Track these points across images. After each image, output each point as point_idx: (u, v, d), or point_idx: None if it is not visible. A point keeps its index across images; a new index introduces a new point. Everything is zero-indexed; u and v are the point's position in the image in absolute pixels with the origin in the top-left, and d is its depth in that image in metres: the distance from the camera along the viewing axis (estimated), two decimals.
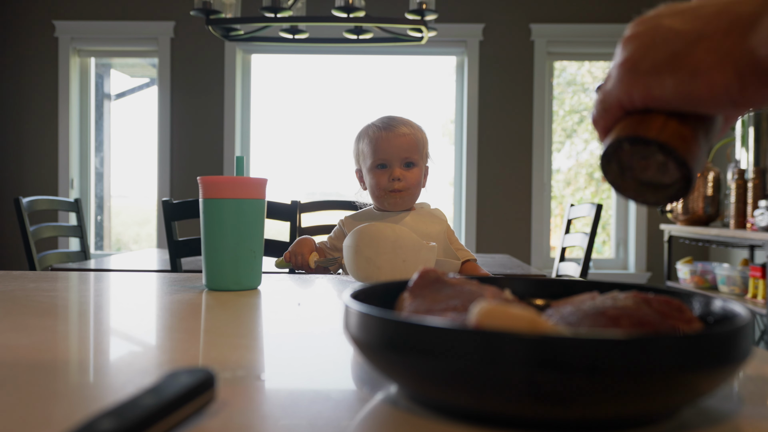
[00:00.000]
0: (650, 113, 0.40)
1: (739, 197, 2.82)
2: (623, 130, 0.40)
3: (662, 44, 0.38)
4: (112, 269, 2.11)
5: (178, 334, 0.61)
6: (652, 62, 0.38)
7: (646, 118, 0.39)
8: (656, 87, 0.38)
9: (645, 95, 0.39)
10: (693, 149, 0.39)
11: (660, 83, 0.38)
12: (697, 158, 0.39)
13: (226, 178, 0.89)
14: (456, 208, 3.91)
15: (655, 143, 0.39)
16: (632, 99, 0.40)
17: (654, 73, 0.38)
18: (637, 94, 0.39)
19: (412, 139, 1.39)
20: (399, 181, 1.37)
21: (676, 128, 0.39)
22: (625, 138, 0.40)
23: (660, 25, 0.39)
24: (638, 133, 0.39)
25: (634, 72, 0.39)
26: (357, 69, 4.06)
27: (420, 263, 0.93)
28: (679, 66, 0.37)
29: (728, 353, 0.34)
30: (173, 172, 3.84)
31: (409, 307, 0.44)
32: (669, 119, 0.39)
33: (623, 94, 0.40)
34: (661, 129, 0.39)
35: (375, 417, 0.37)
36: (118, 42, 3.88)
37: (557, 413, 0.33)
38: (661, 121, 0.39)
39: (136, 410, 0.30)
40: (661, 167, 0.40)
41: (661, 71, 0.38)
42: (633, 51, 0.39)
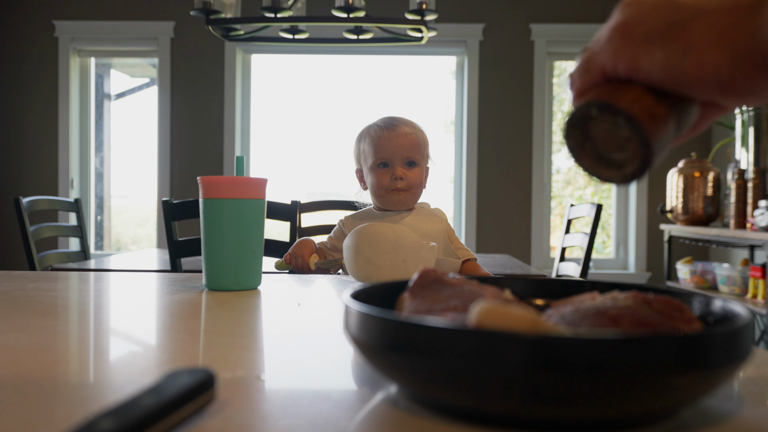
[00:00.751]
0: (628, 84, 0.38)
1: (739, 197, 2.82)
2: (597, 95, 0.38)
3: (661, 13, 0.36)
4: (112, 269, 2.11)
5: (178, 334, 0.61)
6: (646, 30, 0.36)
7: (622, 88, 0.38)
8: (644, 57, 0.36)
9: (631, 64, 0.37)
10: (661, 131, 0.37)
11: (649, 53, 0.36)
12: (662, 142, 0.37)
13: (226, 178, 0.89)
14: (456, 207, 3.91)
15: (624, 114, 0.37)
16: (616, 66, 0.38)
17: (646, 42, 0.36)
18: (623, 61, 0.37)
19: (413, 138, 1.40)
20: (401, 180, 1.37)
21: (650, 104, 0.37)
22: (595, 102, 0.38)
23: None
24: (610, 101, 0.37)
25: (626, 37, 0.37)
26: (357, 69, 4.06)
27: (420, 263, 0.93)
28: (673, 38, 0.35)
29: (728, 353, 0.34)
30: (173, 172, 3.84)
31: (409, 307, 0.44)
32: (645, 93, 0.37)
33: (608, 58, 0.38)
34: (634, 101, 0.37)
35: (375, 417, 0.37)
36: (118, 42, 3.88)
37: (557, 413, 0.33)
38: (636, 93, 0.37)
39: (136, 410, 0.30)
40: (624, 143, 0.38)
41: (653, 41, 0.36)
42: (629, 15, 0.37)
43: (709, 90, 0.35)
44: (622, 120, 0.37)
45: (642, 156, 0.37)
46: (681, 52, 0.35)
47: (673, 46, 0.35)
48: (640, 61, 0.36)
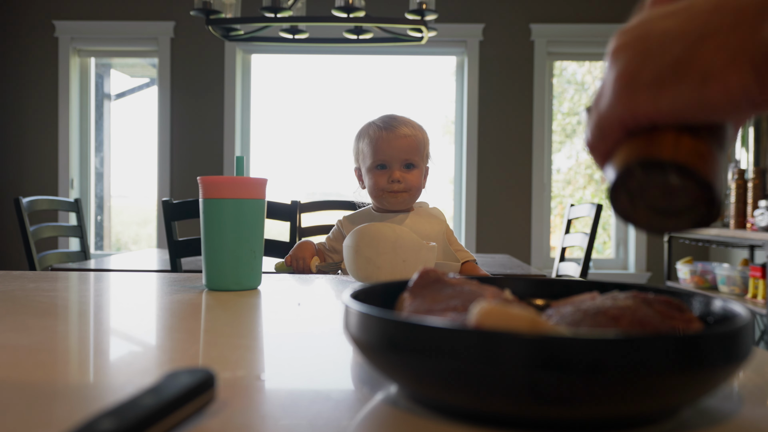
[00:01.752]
0: (657, 130, 0.35)
1: (739, 197, 2.82)
2: (631, 153, 0.35)
3: (659, 50, 0.34)
4: (112, 269, 2.11)
5: (178, 334, 0.61)
6: (652, 72, 0.34)
7: (655, 137, 0.34)
8: (662, 99, 0.33)
9: (651, 110, 0.34)
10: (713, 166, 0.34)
11: (666, 94, 0.33)
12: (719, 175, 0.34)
13: (226, 178, 0.89)
14: (456, 207, 3.91)
15: (672, 165, 0.33)
16: (636, 116, 0.35)
17: (658, 84, 0.33)
18: (642, 109, 0.34)
19: (413, 140, 1.38)
20: (398, 183, 1.36)
21: (692, 144, 0.34)
22: (637, 162, 0.34)
23: (652, 30, 0.34)
24: (651, 156, 0.34)
25: (634, 86, 0.34)
26: (357, 69, 4.06)
27: (420, 263, 0.93)
28: (685, 72, 0.33)
29: (728, 353, 0.34)
30: (173, 172, 3.84)
31: (409, 307, 0.44)
32: (681, 135, 0.34)
33: (625, 111, 0.35)
34: (675, 147, 0.34)
35: (375, 417, 0.37)
36: (118, 42, 3.88)
37: (557, 413, 0.33)
38: (672, 138, 0.34)
39: (136, 410, 0.30)
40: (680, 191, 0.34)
41: (665, 81, 0.33)
42: (627, 62, 0.35)
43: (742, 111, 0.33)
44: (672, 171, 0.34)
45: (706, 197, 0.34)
46: (700, 82, 0.32)
47: (689, 80, 0.33)
48: (661, 104, 0.34)
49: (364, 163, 1.42)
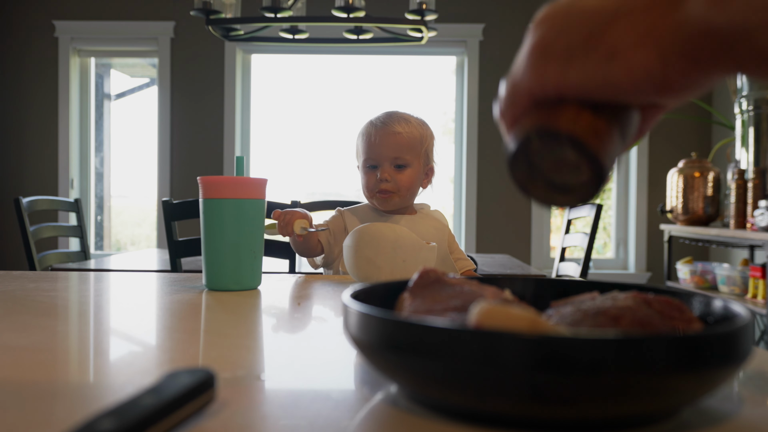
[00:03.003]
0: (562, 104, 0.35)
1: (739, 197, 2.82)
2: (532, 122, 0.36)
3: (576, 25, 0.34)
4: (112, 269, 2.11)
5: (178, 334, 0.61)
6: (565, 45, 0.34)
7: (557, 109, 0.35)
8: (570, 72, 0.34)
9: (558, 82, 0.35)
10: (607, 145, 0.35)
11: (574, 67, 0.34)
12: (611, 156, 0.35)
13: (226, 178, 0.89)
14: (456, 207, 3.91)
15: (567, 137, 0.34)
16: (544, 87, 0.35)
17: (567, 56, 0.34)
18: (550, 81, 0.35)
19: (404, 138, 1.31)
20: (386, 182, 1.29)
21: (590, 121, 0.35)
22: (535, 131, 0.35)
23: (574, 4, 0.35)
24: (548, 126, 0.35)
25: (546, 56, 0.35)
26: (357, 69, 4.06)
27: (420, 263, 0.93)
28: (594, 47, 0.33)
29: (728, 353, 0.34)
30: (173, 172, 3.84)
31: (409, 307, 0.44)
32: (582, 110, 0.35)
33: (534, 81, 0.35)
34: (574, 121, 0.35)
35: (375, 417, 0.37)
36: (118, 42, 3.88)
37: (557, 413, 0.33)
38: (573, 111, 0.35)
39: (136, 410, 0.30)
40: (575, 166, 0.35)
41: (575, 54, 0.34)
42: (544, 34, 0.35)
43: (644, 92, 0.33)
44: (566, 143, 0.35)
45: (595, 175, 0.35)
46: (606, 59, 0.33)
47: (597, 55, 0.33)
48: (566, 77, 0.34)
49: (359, 161, 1.36)
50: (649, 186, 3.83)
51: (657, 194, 3.80)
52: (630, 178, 3.90)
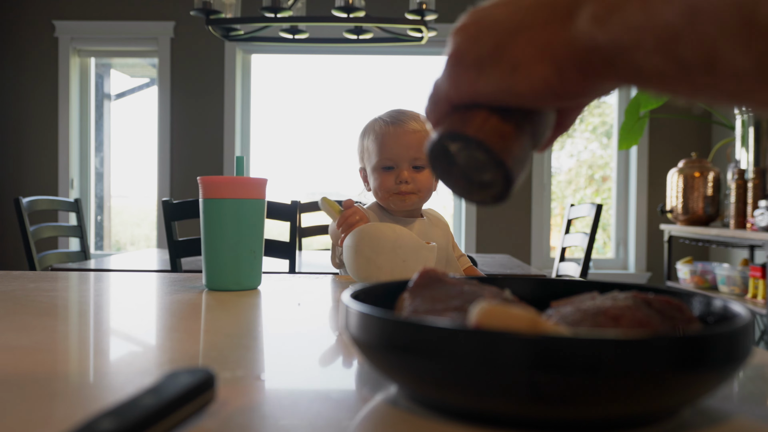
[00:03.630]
0: (474, 109, 0.38)
1: (739, 197, 2.82)
2: (446, 126, 0.39)
3: (486, 36, 0.37)
4: (112, 269, 2.11)
5: (178, 334, 0.61)
6: (475, 55, 0.37)
7: (469, 114, 0.38)
8: (480, 81, 0.37)
9: (470, 90, 0.38)
10: (513, 148, 0.38)
11: (483, 77, 0.37)
12: (517, 157, 0.38)
13: (226, 178, 0.89)
14: (456, 208, 3.91)
15: (473, 140, 0.38)
16: (459, 93, 0.39)
17: (477, 67, 0.37)
18: (464, 89, 0.38)
19: (423, 137, 1.25)
20: (407, 184, 1.24)
21: (497, 125, 0.38)
22: (447, 134, 0.39)
23: (486, 17, 0.38)
24: (458, 130, 0.38)
25: (459, 65, 0.38)
26: (357, 69, 4.06)
27: (420, 263, 0.93)
28: (499, 59, 0.36)
29: (728, 353, 0.34)
30: (173, 172, 3.84)
31: (409, 307, 0.44)
32: (491, 115, 0.38)
33: (450, 88, 0.39)
34: (481, 125, 0.38)
35: (375, 417, 0.37)
36: (118, 42, 3.88)
37: (557, 413, 0.33)
38: (482, 117, 0.38)
39: (136, 410, 0.30)
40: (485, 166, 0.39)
41: (484, 65, 0.37)
42: (459, 43, 0.38)
43: (545, 100, 0.36)
44: (473, 145, 0.38)
45: (501, 175, 0.38)
46: (509, 71, 0.36)
47: (502, 67, 0.36)
48: (477, 86, 0.37)
49: (369, 162, 1.30)
50: (649, 186, 3.83)
51: (657, 194, 3.79)
52: (630, 178, 3.90)
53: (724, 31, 0.28)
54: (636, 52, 0.31)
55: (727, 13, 0.28)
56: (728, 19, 0.28)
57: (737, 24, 0.28)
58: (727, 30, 0.28)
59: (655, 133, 3.81)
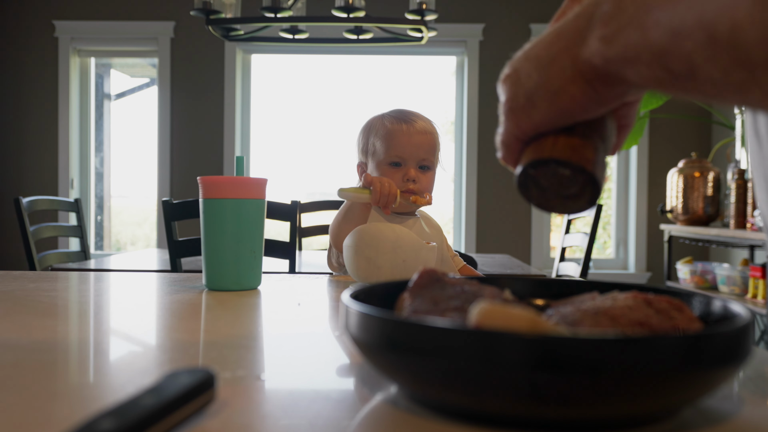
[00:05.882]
0: (542, 137, 0.45)
1: (739, 197, 2.82)
2: (524, 158, 0.46)
3: (525, 77, 0.44)
4: (112, 269, 2.11)
5: (178, 334, 0.61)
6: (523, 96, 0.44)
7: (540, 142, 0.45)
8: (534, 114, 0.44)
9: (530, 125, 0.44)
10: (587, 154, 0.43)
11: (536, 110, 0.44)
12: (594, 161, 0.44)
13: (226, 178, 0.89)
14: (456, 207, 3.91)
15: (551, 160, 0.44)
16: (522, 130, 0.45)
17: (528, 105, 0.44)
18: (523, 126, 0.45)
19: (431, 138, 1.27)
20: (413, 182, 1.24)
21: (566, 141, 0.44)
22: (527, 164, 0.45)
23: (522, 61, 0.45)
24: (536, 157, 0.44)
25: (514, 109, 0.45)
26: (357, 69, 4.06)
27: (420, 263, 0.93)
28: (543, 91, 0.43)
29: (728, 353, 0.34)
30: (173, 172, 3.84)
31: (409, 307, 0.44)
32: (558, 136, 0.44)
33: (514, 129, 0.45)
34: (553, 146, 0.44)
35: (375, 417, 0.37)
36: (118, 42, 3.88)
37: (557, 413, 0.33)
38: (551, 140, 0.44)
39: (136, 410, 0.30)
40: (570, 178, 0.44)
41: (533, 101, 0.44)
42: (507, 91, 0.45)
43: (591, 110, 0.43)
44: (554, 165, 0.44)
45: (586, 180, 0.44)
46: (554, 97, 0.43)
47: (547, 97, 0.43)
48: (534, 119, 0.44)
49: (374, 158, 1.29)
50: (649, 186, 3.83)
51: (657, 194, 3.79)
52: (630, 178, 3.90)
53: (696, 48, 0.35)
54: (637, 64, 0.38)
55: (697, 33, 0.34)
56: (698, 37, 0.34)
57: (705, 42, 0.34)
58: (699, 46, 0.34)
59: (655, 133, 3.81)
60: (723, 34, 0.33)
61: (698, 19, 0.34)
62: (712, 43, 0.34)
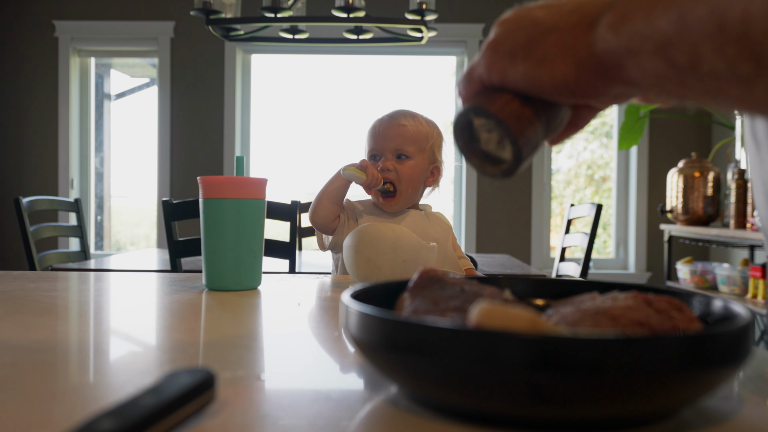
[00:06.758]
0: (500, 91, 0.44)
1: (739, 197, 2.82)
2: (474, 102, 0.45)
3: (522, 31, 0.42)
4: (112, 269, 2.11)
5: (178, 334, 0.61)
6: (510, 45, 0.42)
7: (495, 95, 0.44)
8: (510, 69, 0.42)
9: (500, 74, 0.43)
10: (527, 131, 0.43)
11: (513, 66, 0.42)
12: (530, 140, 0.43)
13: (226, 178, 0.89)
14: (456, 207, 3.91)
15: (494, 117, 0.43)
16: (490, 76, 0.44)
17: (510, 56, 0.42)
18: (494, 72, 0.43)
19: (409, 130, 1.30)
20: (388, 171, 1.27)
21: (517, 108, 0.43)
22: (472, 108, 0.44)
23: (527, 14, 0.43)
24: (483, 106, 0.44)
25: (495, 52, 0.43)
26: (357, 69, 4.06)
27: (420, 263, 0.93)
28: (530, 52, 0.41)
29: (728, 353, 0.34)
30: (173, 172, 3.84)
31: (409, 307, 0.44)
32: (513, 99, 0.43)
33: (484, 70, 0.44)
34: (503, 106, 0.43)
35: (375, 417, 0.37)
36: (118, 42, 3.88)
37: (557, 413, 0.33)
38: (506, 99, 0.43)
39: (136, 410, 0.30)
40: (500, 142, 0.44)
41: (516, 55, 0.42)
42: (499, 33, 0.44)
43: (561, 95, 0.41)
44: (493, 122, 0.43)
45: (512, 152, 0.44)
46: (537, 64, 0.41)
47: (531, 59, 0.41)
48: (507, 72, 0.43)
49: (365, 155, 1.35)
50: (649, 186, 3.83)
51: (657, 194, 3.79)
52: (630, 178, 3.90)
53: (704, 37, 0.34)
54: (640, 55, 0.37)
55: (706, 22, 0.33)
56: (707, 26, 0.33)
57: (713, 31, 0.33)
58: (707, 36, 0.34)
59: (655, 133, 3.81)
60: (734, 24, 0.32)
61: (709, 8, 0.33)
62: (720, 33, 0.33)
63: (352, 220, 1.31)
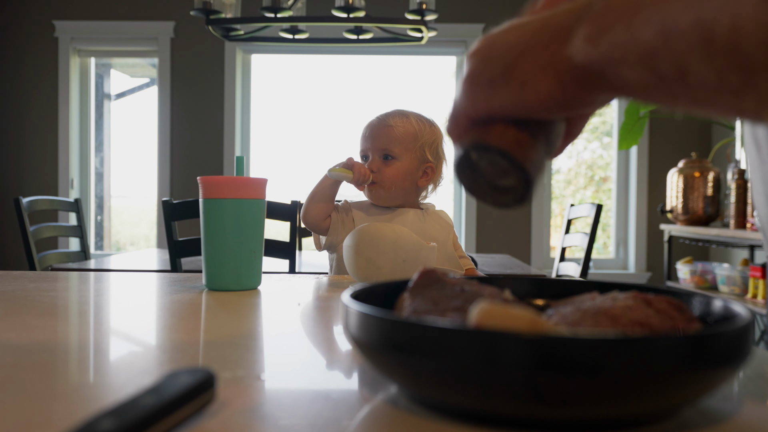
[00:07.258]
0: (493, 122, 0.43)
1: (739, 197, 2.82)
2: (469, 139, 0.44)
3: (497, 58, 0.41)
4: (112, 269, 2.11)
5: (178, 334, 0.61)
6: (489, 75, 0.42)
7: (489, 127, 0.43)
8: (494, 98, 0.42)
9: (486, 106, 0.42)
10: (530, 154, 0.42)
11: (496, 94, 0.41)
12: (535, 161, 0.43)
13: (226, 178, 0.89)
14: (456, 207, 3.91)
15: (495, 149, 0.42)
16: (476, 110, 0.43)
17: (491, 85, 0.42)
18: (480, 105, 0.43)
19: (395, 131, 1.30)
20: (372, 172, 1.29)
21: (515, 134, 0.42)
22: (471, 146, 0.44)
23: (496, 40, 0.42)
24: (480, 141, 0.43)
25: (474, 85, 0.43)
26: (357, 69, 4.06)
27: (420, 263, 0.93)
28: (510, 77, 0.41)
29: (728, 353, 0.34)
30: (173, 172, 3.84)
31: (409, 307, 0.44)
32: (508, 126, 0.42)
33: (468, 106, 0.43)
34: (500, 136, 0.42)
35: (375, 417, 0.37)
36: (118, 42, 3.88)
37: (557, 413, 0.33)
38: (500, 128, 0.42)
39: (136, 410, 0.30)
40: (507, 171, 0.43)
41: (496, 83, 0.41)
42: (473, 66, 0.43)
43: (551, 111, 0.41)
44: (496, 154, 0.43)
45: (522, 179, 0.43)
46: (519, 87, 0.40)
47: (512, 84, 0.41)
48: (492, 102, 0.42)
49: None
50: (649, 186, 3.83)
51: (657, 194, 3.79)
52: (630, 178, 3.90)
53: (691, 48, 0.33)
54: (622, 66, 0.36)
55: (691, 33, 0.33)
56: (693, 38, 0.33)
57: (700, 42, 0.33)
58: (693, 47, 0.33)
59: (655, 133, 3.81)
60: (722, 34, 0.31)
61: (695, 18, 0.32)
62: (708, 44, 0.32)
63: (348, 221, 1.31)
